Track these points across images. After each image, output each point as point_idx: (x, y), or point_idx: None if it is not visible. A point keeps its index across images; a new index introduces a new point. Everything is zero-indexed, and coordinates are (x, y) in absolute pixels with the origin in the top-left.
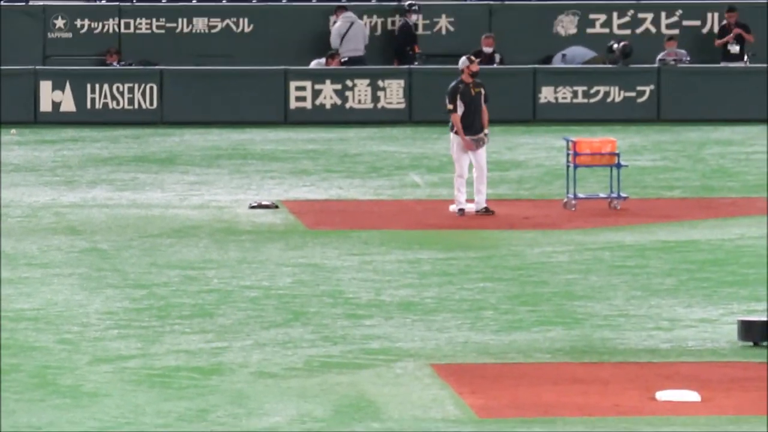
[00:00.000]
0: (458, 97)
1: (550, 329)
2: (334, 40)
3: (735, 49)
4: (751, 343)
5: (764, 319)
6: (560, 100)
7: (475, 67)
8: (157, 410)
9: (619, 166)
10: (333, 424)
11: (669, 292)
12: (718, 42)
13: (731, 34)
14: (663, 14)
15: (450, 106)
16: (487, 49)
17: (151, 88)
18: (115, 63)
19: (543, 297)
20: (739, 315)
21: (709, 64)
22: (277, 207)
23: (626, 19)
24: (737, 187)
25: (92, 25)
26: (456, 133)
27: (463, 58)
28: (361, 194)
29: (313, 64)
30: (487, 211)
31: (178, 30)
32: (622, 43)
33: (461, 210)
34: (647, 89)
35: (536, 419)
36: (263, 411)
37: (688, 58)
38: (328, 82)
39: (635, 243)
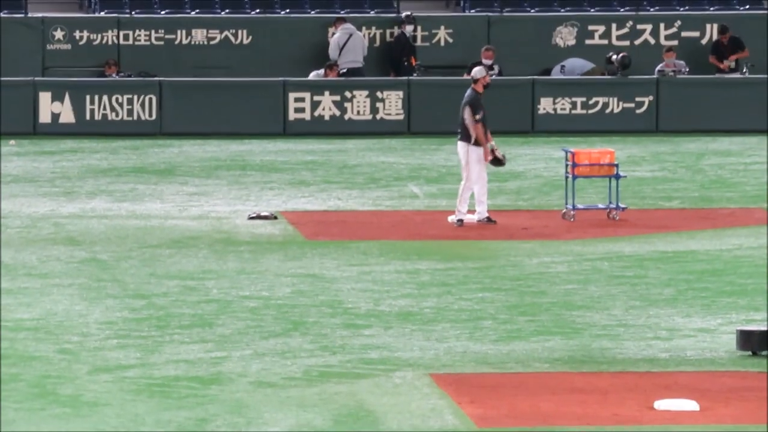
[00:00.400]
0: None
1: (548, 339)
2: (332, 52)
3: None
4: (749, 353)
5: (763, 328)
6: (559, 111)
7: (488, 78)
8: (156, 420)
9: (617, 176)
10: None
11: (668, 302)
12: (712, 59)
13: (728, 61)
14: (662, 25)
15: (478, 117)
16: (487, 62)
17: (150, 100)
18: (113, 74)
19: (542, 307)
20: (737, 325)
21: (708, 75)
22: (276, 218)
23: (625, 30)
24: (736, 197)
25: (91, 37)
26: (474, 144)
27: (480, 68)
28: (360, 205)
29: (312, 76)
30: (489, 221)
31: (177, 42)
32: (620, 55)
33: (460, 221)
34: (646, 100)
35: (535, 429)
36: (262, 420)
37: (687, 69)
38: (326, 93)
39: (634, 253)
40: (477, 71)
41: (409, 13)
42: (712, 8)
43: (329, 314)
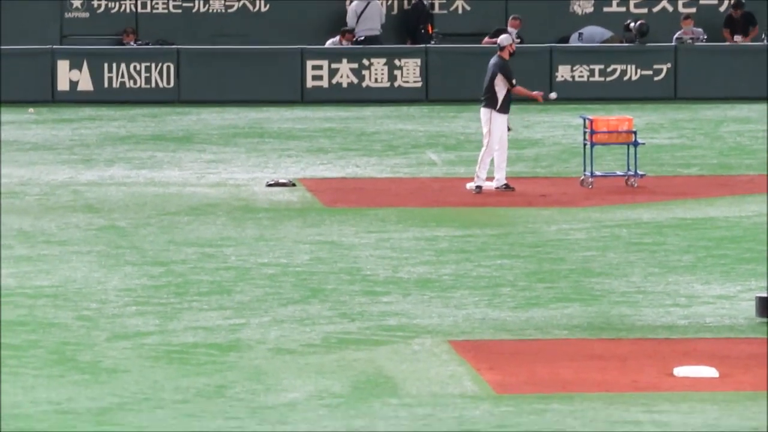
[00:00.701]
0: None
1: (567, 306)
2: (350, 20)
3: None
4: None
5: None
6: (577, 79)
7: (514, 46)
8: (175, 386)
9: (636, 144)
10: (351, 400)
11: (686, 269)
12: (725, 33)
13: (740, 38)
14: None
15: (514, 81)
16: (513, 30)
17: (168, 68)
18: (131, 42)
19: (560, 274)
20: (756, 291)
21: (726, 43)
22: (294, 185)
23: None
24: (754, 164)
25: (109, 5)
26: (499, 110)
27: (507, 35)
28: (378, 172)
29: (329, 44)
30: (507, 188)
31: (195, 9)
32: (638, 22)
33: (479, 187)
34: (664, 67)
35: (554, 395)
36: (281, 387)
37: (705, 37)
38: (344, 61)
39: (652, 220)
40: (504, 38)
41: None
42: None
43: (348, 281)
